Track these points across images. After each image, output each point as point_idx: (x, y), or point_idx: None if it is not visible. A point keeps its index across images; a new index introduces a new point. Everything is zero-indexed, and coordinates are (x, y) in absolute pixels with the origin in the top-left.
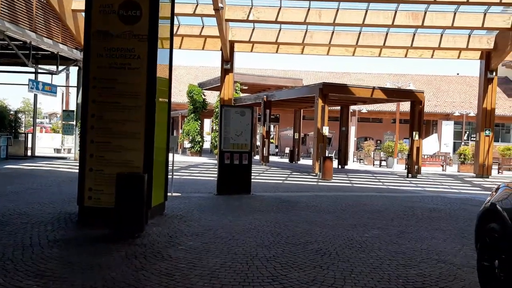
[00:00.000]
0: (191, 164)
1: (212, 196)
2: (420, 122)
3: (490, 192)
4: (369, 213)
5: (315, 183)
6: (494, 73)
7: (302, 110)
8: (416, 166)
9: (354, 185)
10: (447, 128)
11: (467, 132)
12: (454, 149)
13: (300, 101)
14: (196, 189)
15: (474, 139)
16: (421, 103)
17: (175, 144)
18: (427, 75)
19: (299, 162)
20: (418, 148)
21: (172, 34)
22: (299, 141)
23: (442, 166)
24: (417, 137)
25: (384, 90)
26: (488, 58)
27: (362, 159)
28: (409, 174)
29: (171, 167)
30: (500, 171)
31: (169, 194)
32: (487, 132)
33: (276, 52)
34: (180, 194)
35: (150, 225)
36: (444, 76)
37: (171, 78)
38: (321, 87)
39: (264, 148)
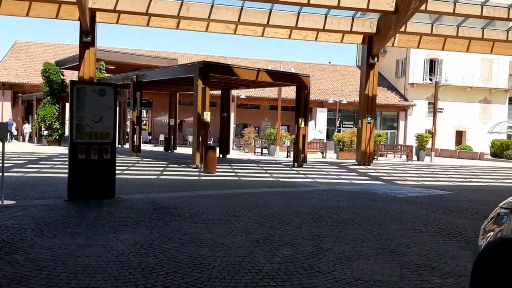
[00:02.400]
0: (44, 156)
1: (62, 203)
2: (306, 108)
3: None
4: (269, 219)
5: (197, 178)
6: (376, 59)
7: (178, 94)
8: (302, 155)
9: (241, 178)
10: (321, 115)
11: (339, 119)
12: (328, 136)
13: (176, 83)
14: (41, 193)
15: (350, 126)
16: (306, 88)
17: (4, 135)
18: (302, 62)
19: (175, 151)
20: (304, 136)
21: None
22: (175, 127)
23: (322, 153)
24: (303, 124)
25: (270, 72)
26: (370, 43)
27: (242, 147)
28: (295, 163)
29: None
30: (375, 157)
31: None
32: (368, 119)
33: (147, 25)
34: (14, 202)
35: None
36: (317, 64)
37: None
38: (201, 66)
39: (135, 136)
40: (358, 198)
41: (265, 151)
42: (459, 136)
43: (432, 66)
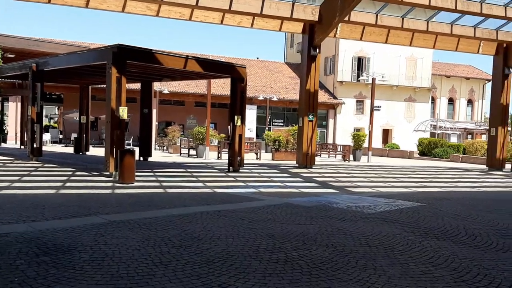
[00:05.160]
0: None
1: None
2: (243, 103)
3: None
4: (215, 268)
5: (109, 191)
6: (317, 50)
7: (90, 88)
8: (238, 157)
9: (168, 190)
10: (251, 113)
11: (269, 117)
12: (257, 135)
13: (86, 74)
14: None
15: (280, 124)
16: (243, 80)
17: None
18: (229, 57)
19: (87, 153)
20: (240, 136)
21: None
22: (88, 126)
23: (256, 154)
24: (239, 122)
25: (201, 61)
26: (312, 32)
27: (166, 147)
28: (231, 167)
29: None
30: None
31: None
32: (310, 117)
33: (49, 2)
34: None
35: None
36: (245, 59)
37: None
38: (115, 51)
39: (35, 137)
40: (322, 218)
41: (192, 151)
42: (386, 134)
43: (360, 64)
